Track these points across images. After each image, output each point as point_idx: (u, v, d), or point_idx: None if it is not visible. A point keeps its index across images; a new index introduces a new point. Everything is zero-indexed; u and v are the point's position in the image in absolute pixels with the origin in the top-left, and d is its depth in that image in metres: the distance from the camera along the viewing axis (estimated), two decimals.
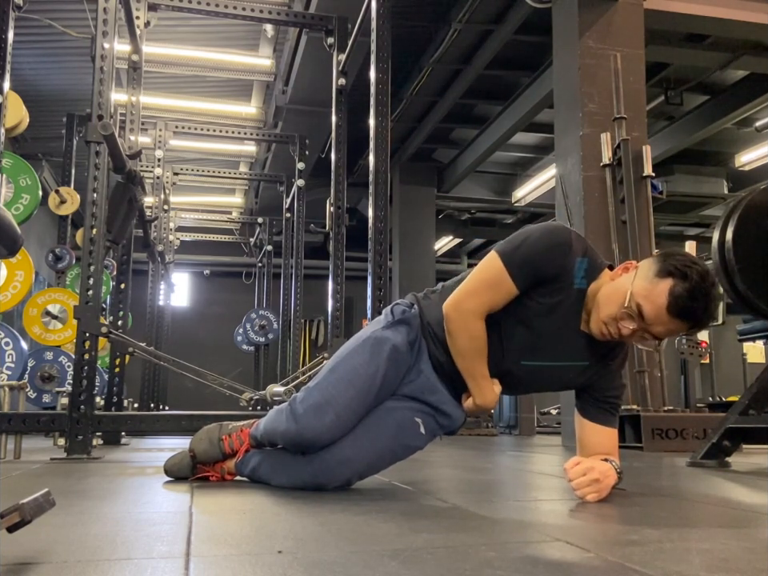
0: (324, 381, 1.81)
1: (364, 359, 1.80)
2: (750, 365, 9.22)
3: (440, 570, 0.94)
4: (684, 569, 0.93)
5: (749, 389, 2.82)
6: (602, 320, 1.66)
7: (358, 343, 1.86)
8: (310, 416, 1.74)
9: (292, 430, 1.76)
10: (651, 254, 4.86)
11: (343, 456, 1.77)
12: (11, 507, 0.96)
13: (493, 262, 1.70)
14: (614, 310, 1.62)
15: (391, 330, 1.86)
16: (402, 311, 1.90)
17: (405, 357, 1.85)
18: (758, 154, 9.38)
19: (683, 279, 1.56)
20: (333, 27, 4.72)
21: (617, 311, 1.61)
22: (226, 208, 12.39)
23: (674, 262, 1.58)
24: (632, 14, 5.31)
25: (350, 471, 1.80)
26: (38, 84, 7.77)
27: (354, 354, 1.83)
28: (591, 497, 1.60)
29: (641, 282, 1.61)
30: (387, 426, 1.83)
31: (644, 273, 1.62)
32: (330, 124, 4.77)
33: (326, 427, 1.73)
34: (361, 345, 1.84)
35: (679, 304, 1.56)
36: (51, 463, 2.87)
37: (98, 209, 3.34)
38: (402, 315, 1.89)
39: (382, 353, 1.80)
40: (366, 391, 1.77)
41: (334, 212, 4.58)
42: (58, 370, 5.97)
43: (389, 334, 1.84)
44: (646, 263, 1.65)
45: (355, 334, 1.96)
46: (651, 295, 1.58)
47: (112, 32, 3.51)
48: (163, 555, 1.04)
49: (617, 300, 1.62)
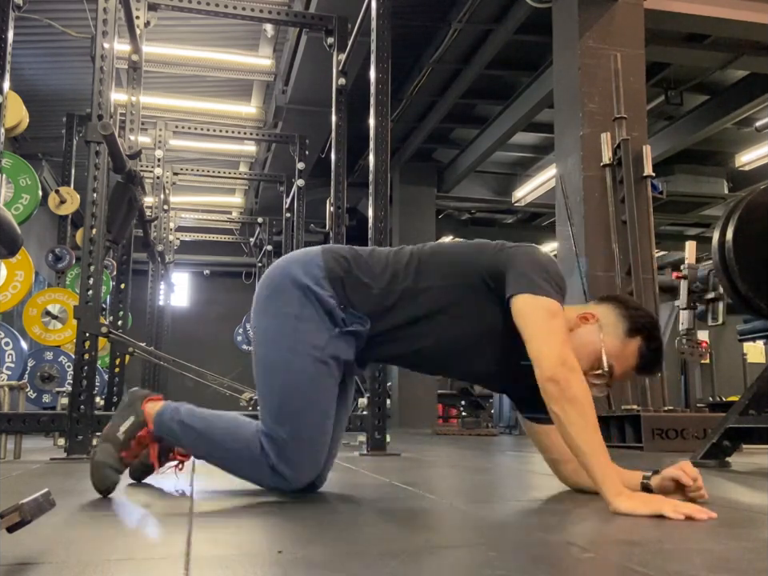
0: (288, 415, 1.63)
1: (313, 379, 1.64)
2: (750, 365, 9.21)
3: (440, 570, 0.94)
4: (684, 569, 0.93)
5: (749, 389, 2.82)
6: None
7: (297, 358, 1.64)
8: (303, 469, 1.64)
9: (285, 485, 1.63)
10: (651, 254, 4.87)
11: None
12: (11, 507, 0.96)
13: (539, 302, 1.54)
14: (583, 365, 1.56)
15: (337, 344, 1.66)
16: (350, 319, 1.67)
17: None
18: (758, 153, 9.38)
19: (650, 339, 1.62)
20: (333, 27, 4.72)
21: (586, 368, 1.59)
22: (226, 208, 12.39)
23: (640, 320, 1.61)
24: (632, 14, 5.31)
25: (327, 470, 1.82)
26: (38, 84, 7.77)
27: (299, 374, 1.64)
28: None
29: (612, 340, 1.61)
30: (343, 415, 1.85)
31: (612, 330, 1.62)
32: (329, 124, 4.77)
33: (320, 464, 1.68)
34: (306, 363, 1.64)
35: (647, 363, 1.64)
36: (51, 463, 2.87)
37: (97, 209, 3.34)
38: (350, 326, 1.66)
39: (333, 370, 1.67)
40: (331, 403, 1.69)
41: (333, 212, 4.58)
42: (57, 370, 5.97)
43: (337, 353, 1.66)
44: (609, 316, 1.63)
45: (270, 329, 1.71)
46: (623, 356, 1.62)
47: (112, 32, 3.51)
48: (163, 555, 1.04)
49: (586, 356, 1.58)
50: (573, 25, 5.24)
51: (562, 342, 1.50)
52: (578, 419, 1.42)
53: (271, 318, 1.70)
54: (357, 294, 1.68)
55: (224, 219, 12.30)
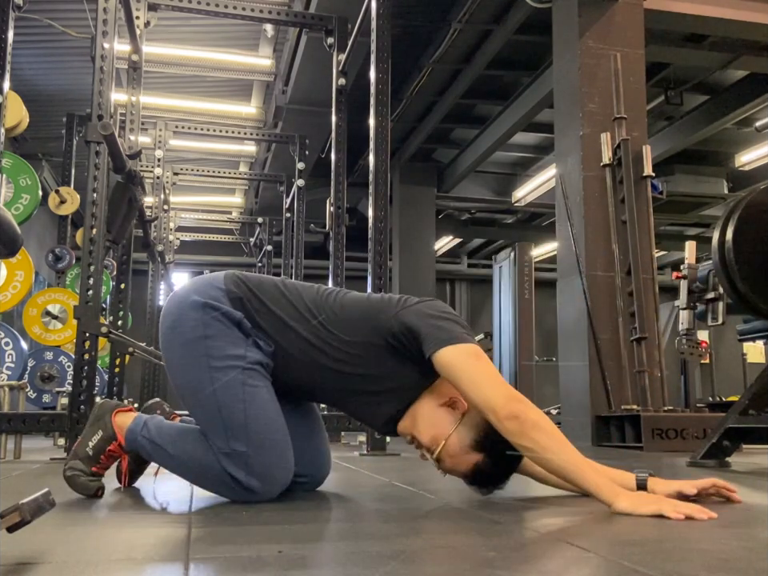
0: (237, 429, 1.57)
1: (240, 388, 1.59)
2: (750, 365, 9.21)
3: (440, 570, 0.94)
4: (684, 569, 0.93)
5: (749, 389, 2.82)
6: (409, 432, 1.63)
7: (220, 373, 1.60)
8: (274, 480, 1.59)
9: (256, 498, 1.58)
10: (651, 254, 4.87)
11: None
12: (11, 507, 0.96)
13: (461, 350, 1.52)
14: (423, 439, 1.60)
15: (256, 352, 1.63)
16: (257, 333, 1.64)
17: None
18: (758, 153, 9.37)
19: (493, 463, 1.56)
20: (333, 27, 4.72)
21: (423, 443, 1.60)
22: (226, 208, 12.39)
23: (494, 438, 1.50)
24: (632, 14, 5.31)
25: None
26: (38, 84, 7.77)
27: (229, 386, 1.59)
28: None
29: (456, 442, 1.57)
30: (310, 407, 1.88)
31: (464, 434, 1.56)
32: (329, 124, 4.77)
33: (289, 465, 1.62)
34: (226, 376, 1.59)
35: (474, 479, 1.60)
36: (51, 463, 2.87)
37: (97, 209, 3.34)
38: (259, 339, 1.64)
39: (263, 373, 1.64)
40: (273, 400, 1.65)
41: (333, 212, 4.58)
42: (57, 370, 5.97)
43: (260, 359, 1.63)
44: (476, 417, 1.55)
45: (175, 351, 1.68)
46: (456, 459, 1.57)
47: (112, 32, 3.51)
48: (163, 555, 1.04)
49: (430, 435, 1.59)
50: (573, 25, 5.24)
51: (499, 380, 1.50)
52: (549, 443, 1.41)
53: (181, 348, 1.65)
54: (260, 314, 1.65)
55: (224, 219, 12.30)
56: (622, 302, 4.83)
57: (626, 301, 4.83)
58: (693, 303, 4.59)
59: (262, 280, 1.72)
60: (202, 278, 1.75)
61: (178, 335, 1.66)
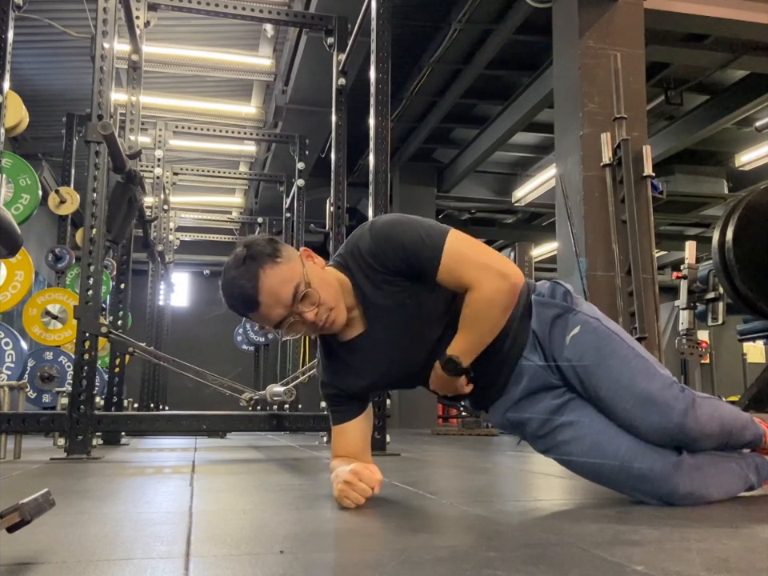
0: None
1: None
2: (750, 365, 9.22)
3: (440, 570, 0.94)
4: (684, 569, 0.93)
5: (749, 389, 2.82)
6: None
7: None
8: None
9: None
10: (651, 254, 4.87)
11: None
12: (11, 507, 0.96)
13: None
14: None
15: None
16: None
17: None
18: (758, 153, 9.37)
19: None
20: (333, 27, 4.73)
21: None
22: (226, 208, 12.39)
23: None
24: (632, 14, 5.31)
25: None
26: (38, 84, 7.77)
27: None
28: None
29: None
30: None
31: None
32: (330, 124, 4.77)
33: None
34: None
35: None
36: (51, 463, 2.87)
37: (97, 209, 3.34)
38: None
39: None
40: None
41: (334, 212, 4.58)
42: (57, 370, 5.97)
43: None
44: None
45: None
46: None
47: (112, 32, 3.51)
48: (163, 555, 1.04)
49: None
50: (573, 25, 5.24)
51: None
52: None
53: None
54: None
55: (224, 219, 12.30)
56: (622, 301, 4.83)
57: (626, 301, 4.83)
58: (693, 303, 4.60)
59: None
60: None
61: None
